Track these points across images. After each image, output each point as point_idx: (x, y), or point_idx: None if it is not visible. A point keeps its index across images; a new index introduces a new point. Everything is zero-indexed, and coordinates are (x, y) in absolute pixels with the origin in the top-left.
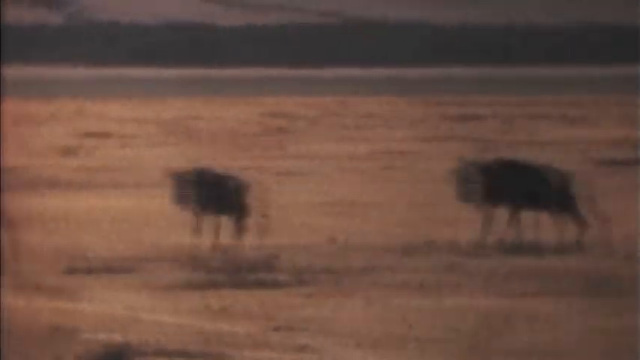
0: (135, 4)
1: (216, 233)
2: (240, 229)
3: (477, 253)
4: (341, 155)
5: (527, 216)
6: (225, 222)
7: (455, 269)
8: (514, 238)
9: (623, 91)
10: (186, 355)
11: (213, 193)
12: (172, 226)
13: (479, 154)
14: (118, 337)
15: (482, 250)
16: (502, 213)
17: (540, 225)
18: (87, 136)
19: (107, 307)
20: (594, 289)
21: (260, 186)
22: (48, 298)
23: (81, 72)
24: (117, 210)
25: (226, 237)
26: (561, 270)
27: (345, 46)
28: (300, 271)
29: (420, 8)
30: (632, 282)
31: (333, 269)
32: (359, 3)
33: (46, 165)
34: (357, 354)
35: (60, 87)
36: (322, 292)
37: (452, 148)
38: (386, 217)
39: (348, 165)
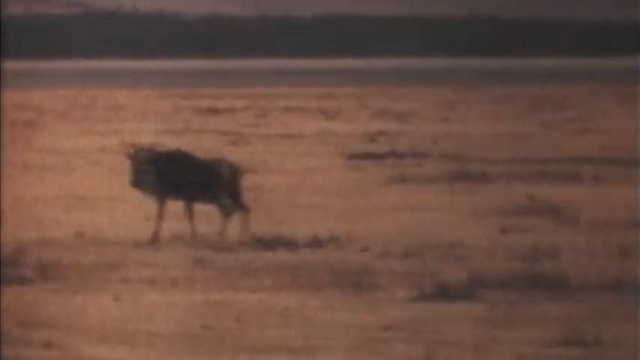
0: None
1: None
2: None
3: (229, 248)
4: (90, 149)
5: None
6: None
7: (205, 264)
8: (192, 232)
9: (379, 83)
10: None
11: None
12: None
13: (230, 146)
14: None
15: (233, 245)
16: (175, 204)
17: (212, 218)
18: None
19: None
20: (346, 284)
21: None
22: None
23: None
24: None
25: None
26: (314, 264)
27: (94, 38)
28: (45, 266)
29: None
30: (386, 277)
31: (81, 264)
32: None
33: None
34: (104, 350)
35: None
36: (69, 287)
37: (203, 141)
38: (135, 211)
39: (97, 158)
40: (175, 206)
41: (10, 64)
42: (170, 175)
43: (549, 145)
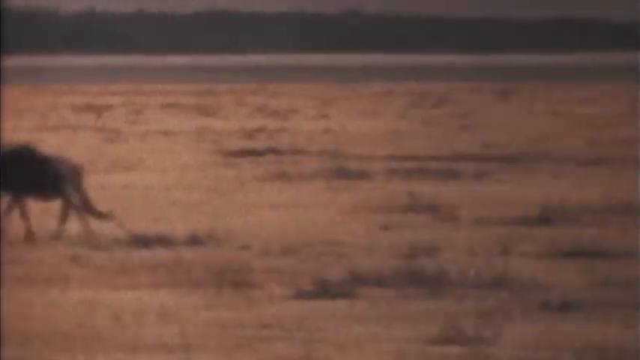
0: None
1: None
2: None
3: (104, 246)
4: None
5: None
6: None
7: (81, 262)
8: (28, 229)
9: (257, 80)
10: None
11: None
12: None
13: (106, 144)
14: None
15: (107, 243)
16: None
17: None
18: None
19: None
20: (225, 282)
21: None
22: None
23: None
24: None
25: None
26: (192, 262)
27: None
28: None
29: None
30: (264, 275)
31: None
32: None
33: None
34: None
35: None
36: None
37: (78, 138)
38: None
39: None
40: (50, 204)
41: None
42: (16, 173)
43: (430, 142)
